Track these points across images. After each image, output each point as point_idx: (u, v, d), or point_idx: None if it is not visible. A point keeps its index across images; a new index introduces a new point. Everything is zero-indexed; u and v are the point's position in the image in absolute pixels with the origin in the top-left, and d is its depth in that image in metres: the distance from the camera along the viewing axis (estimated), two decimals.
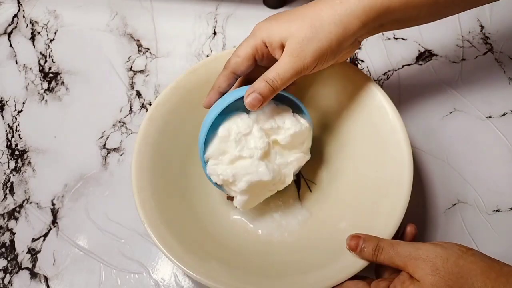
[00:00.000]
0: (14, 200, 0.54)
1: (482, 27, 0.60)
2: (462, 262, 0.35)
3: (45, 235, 0.52)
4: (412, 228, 0.42)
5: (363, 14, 0.40)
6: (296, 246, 0.47)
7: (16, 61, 0.62)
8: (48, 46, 0.63)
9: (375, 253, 0.38)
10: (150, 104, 0.58)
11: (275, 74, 0.40)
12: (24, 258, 0.51)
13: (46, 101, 0.60)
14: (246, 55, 0.42)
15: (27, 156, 0.56)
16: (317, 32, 0.39)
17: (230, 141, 0.43)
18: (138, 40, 0.62)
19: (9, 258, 0.51)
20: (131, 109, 0.58)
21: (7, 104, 0.60)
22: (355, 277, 0.39)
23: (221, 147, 0.43)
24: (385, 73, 0.58)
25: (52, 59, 0.62)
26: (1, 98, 0.60)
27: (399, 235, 0.42)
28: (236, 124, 0.43)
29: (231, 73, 0.43)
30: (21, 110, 0.59)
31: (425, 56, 0.59)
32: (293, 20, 0.40)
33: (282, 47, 0.41)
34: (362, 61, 0.59)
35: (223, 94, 0.44)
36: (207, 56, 0.61)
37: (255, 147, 0.42)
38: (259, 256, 0.46)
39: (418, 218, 0.50)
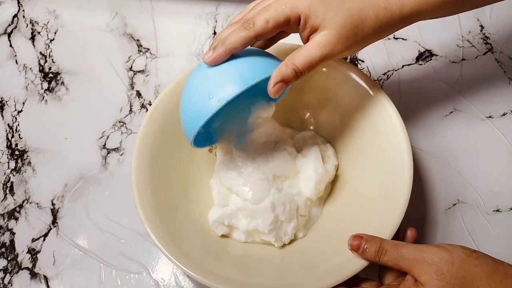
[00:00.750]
0: (14, 200, 0.54)
1: (482, 27, 0.60)
2: (467, 266, 0.35)
3: (45, 235, 0.52)
4: (412, 232, 0.41)
5: (399, 24, 0.40)
6: (297, 246, 0.47)
7: (16, 61, 0.62)
8: (48, 46, 0.63)
9: (378, 254, 0.38)
10: (150, 104, 0.58)
11: (305, 65, 0.38)
12: (24, 258, 0.51)
13: (46, 101, 0.60)
14: (277, 23, 0.38)
15: (27, 156, 0.56)
16: (356, 34, 0.38)
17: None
18: (138, 40, 0.62)
19: (9, 258, 0.51)
20: (131, 109, 0.58)
21: (7, 104, 0.60)
22: (356, 277, 0.39)
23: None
24: (385, 73, 0.58)
25: (52, 59, 0.62)
26: (1, 98, 0.60)
27: (400, 238, 0.42)
28: (284, 205, 0.45)
29: (253, 38, 0.38)
30: (21, 110, 0.59)
31: (425, 56, 0.59)
32: (339, 11, 0.38)
33: (315, 30, 0.38)
34: (362, 61, 0.59)
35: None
36: None
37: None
38: (259, 256, 0.46)
39: (418, 218, 0.50)
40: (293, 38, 0.44)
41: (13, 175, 0.55)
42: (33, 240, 0.52)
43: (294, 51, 0.39)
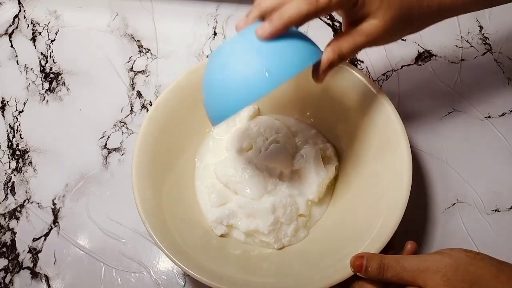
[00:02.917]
0: (15, 200, 0.54)
1: (481, 27, 0.60)
2: (473, 268, 0.34)
3: (46, 234, 0.52)
4: (413, 246, 0.40)
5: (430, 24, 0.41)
6: (297, 245, 0.47)
7: (17, 62, 0.62)
8: (49, 46, 0.63)
9: (381, 271, 0.37)
10: (151, 104, 0.58)
11: (350, 51, 0.38)
12: (25, 258, 0.51)
13: (47, 101, 0.60)
14: (341, 1, 0.36)
15: (28, 156, 0.56)
16: (403, 29, 0.39)
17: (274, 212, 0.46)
18: (138, 41, 0.63)
19: (10, 258, 0.51)
20: (131, 109, 0.58)
21: (8, 104, 0.60)
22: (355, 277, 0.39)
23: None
24: (385, 73, 0.58)
25: (53, 60, 0.62)
26: (2, 98, 0.60)
27: (398, 240, 0.42)
28: (284, 208, 0.45)
29: (314, 14, 0.35)
30: (22, 110, 0.59)
31: (424, 56, 0.59)
32: (393, 3, 0.37)
33: (366, 16, 0.38)
34: (362, 61, 0.59)
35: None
36: (207, 56, 0.61)
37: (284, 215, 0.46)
38: (259, 255, 0.46)
39: (418, 218, 0.50)
40: None
41: (14, 175, 0.55)
42: (34, 239, 0.52)
43: (338, 36, 0.38)
